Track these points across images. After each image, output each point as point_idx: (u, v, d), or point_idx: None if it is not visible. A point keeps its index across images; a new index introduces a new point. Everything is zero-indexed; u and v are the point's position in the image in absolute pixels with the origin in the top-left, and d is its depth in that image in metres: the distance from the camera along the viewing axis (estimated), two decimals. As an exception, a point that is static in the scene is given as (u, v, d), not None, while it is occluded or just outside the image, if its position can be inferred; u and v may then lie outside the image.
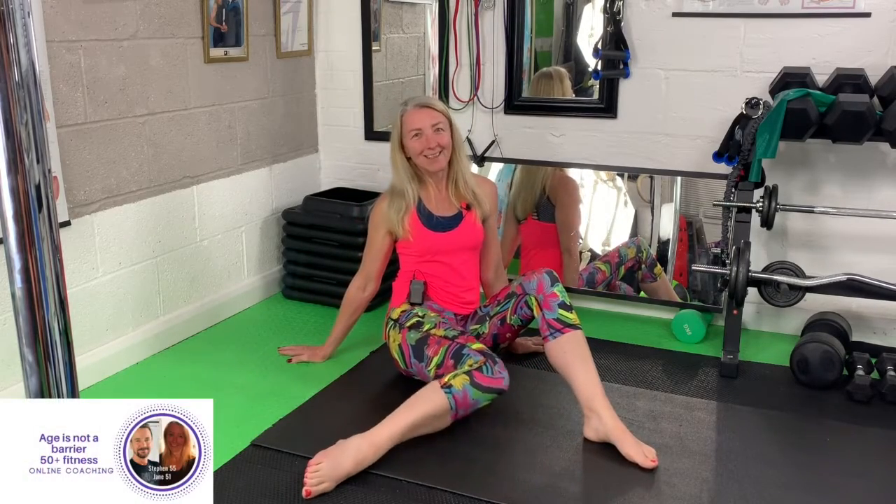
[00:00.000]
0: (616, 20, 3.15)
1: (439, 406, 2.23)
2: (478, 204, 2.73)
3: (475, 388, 2.24)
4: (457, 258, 2.72)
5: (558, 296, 2.42)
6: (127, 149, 2.81)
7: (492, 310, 2.65)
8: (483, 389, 2.25)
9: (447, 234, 2.69)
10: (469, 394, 2.24)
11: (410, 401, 2.26)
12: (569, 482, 2.16)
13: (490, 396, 2.28)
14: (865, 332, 3.05)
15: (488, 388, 2.26)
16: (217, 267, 3.31)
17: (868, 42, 2.88)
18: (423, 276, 2.70)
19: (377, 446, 2.16)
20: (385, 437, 2.18)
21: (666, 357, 2.99)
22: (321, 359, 2.89)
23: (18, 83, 0.98)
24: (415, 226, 2.66)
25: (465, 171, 2.72)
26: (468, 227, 2.71)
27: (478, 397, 2.25)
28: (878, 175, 2.97)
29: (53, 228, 1.05)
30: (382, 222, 2.71)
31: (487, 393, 2.26)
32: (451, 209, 2.71)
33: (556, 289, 2.43)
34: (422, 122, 2.59)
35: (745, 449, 2.33)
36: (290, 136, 3.68)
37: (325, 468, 2.08)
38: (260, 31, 3.37)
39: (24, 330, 1.06)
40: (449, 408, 2.24)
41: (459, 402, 2.24)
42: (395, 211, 2.67)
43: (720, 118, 3.04)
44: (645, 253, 3.37)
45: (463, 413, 2.27)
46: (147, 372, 2.86)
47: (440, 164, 2.64)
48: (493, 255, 2.88)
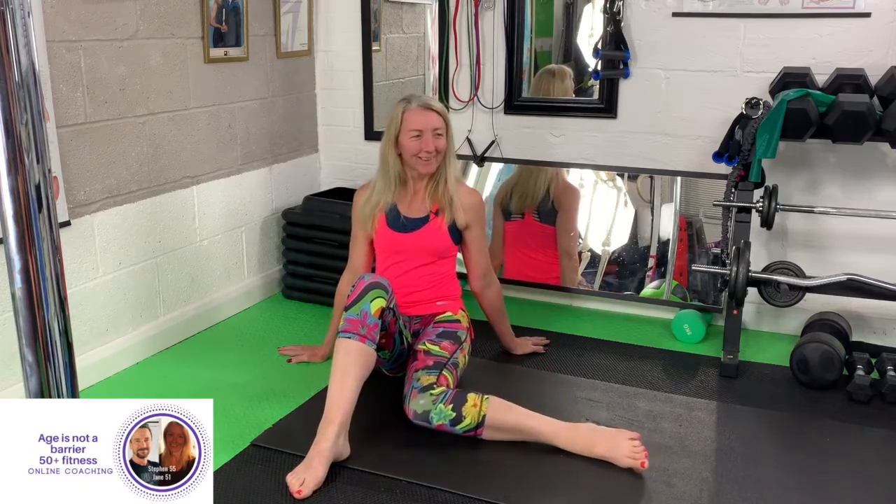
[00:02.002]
0: (616, 20, 3.15)
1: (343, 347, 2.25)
2: (450, 210, 2.65)
3: (349, 308, 2.30)
4: (416, 261, 2.66)
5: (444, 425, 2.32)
6: (127, 149, 2.81)
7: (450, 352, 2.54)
8: (355, 302, 2.30)
9: (408, 234, 2.65)
10: (350, 316, 2.28)
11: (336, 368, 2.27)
12: (568, 482, 2.16)
13: (368, 298, 2.30)
14: (865, 332, 3.05)
15: (356, 297, 2.31)
16: (217, 267, 3.31)
17: (868, 42, 2.88)
18: (386, 275, 2.63)
19: (329, 419, 2.17)
20: (330, 406, 2.19)
21: (666, 357, 2.99)
22: (321, 359, 2.88)
23: (18, 83, 0.98)
24: (380, 225, 2.67)
25: (450, 177, 2.66)
26: (431, 231, 2.65)
27: (358, 309, 2.28)
28: (878, 175, 2.97)
29: (53, 228, 1.05)
30: (359, 216, 2.72)
31: (360, 300, 2.29)
32: (422, 211, 2.67)
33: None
34: (424, 124, 2.57)
35: (745, 449, 2.33)
36: (290, 136, 3.68)
37: (299, 470, 2.10)
38: (260, 31, 3.37)
39: (24, 330, 1.06)
40: (348, 340, 2.25)
41: (350, 328, 2.26)
42: (371, 206, 2.67)
43: (720, 118, 3.04)
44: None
45: (367, 331, 2.26)
46: (147, 372, 2.85)
47: (432, 167, 2.61)
48: (478, 265, 2.79)
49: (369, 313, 2.28)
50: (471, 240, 2.73)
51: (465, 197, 2.70)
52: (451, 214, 2.65)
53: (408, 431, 2.37)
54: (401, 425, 2.38)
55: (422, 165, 2.60)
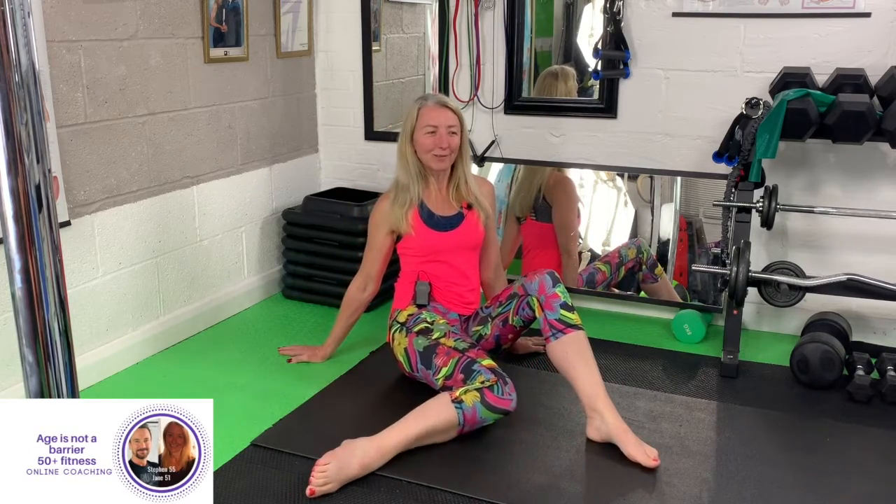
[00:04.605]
0: (616, 20, 3.15)
1: (448, 419, 2.24)
2: (479, 205, 2.74)
3: (485, 406, 2.25)
4: (458, 258, 2.72)
5: (560, 296, 2.41)
6: (127, 149, 2.81)
7: (494, 311, 2.65)
8: (492, 409, 2.26)
9: (448, 233, 2.69)
10: (478, 412, 2.25)
11: (420, 410, 2.26)
12: (569, 482, 2.16)
13: (497, 416, 2.29)
14: (865, 332, 3.05)
15: (498, 408, 2.27)
16: (217, 267, 3.31)
17: (868, 42, 2.88)
18: (427, 276, 2.70)
19: (383, 452, 2.16)
20: (392, 443, 2.18)
21: (666, 357, 2.99)
22: (321, 359, 2.89)
23: (18, 83, 0.98)
24: (417, 223, 2.67)
25: (469, 175, 2.74)
26: (469, 227, 2.72)
27: (486, 416, 2.26)
28: (878, 175, 2.97)
29: (53, 228, 1.05)
30: (384, 221, 2.71)
31: (495, 413, 2.27)
32: (451, 209, 2.72)
33: (558, 289, 2.43)
34: (438, 120, 2.61)
35: (745, 449, 2.33)
36: (290, 136, 3.68)
37: (331, 469, 2.08)
38: (260, 31, 3.37)
39: (24, 330, 1.06)
40: (457, 422, 2.24)
41: (468, 419, 2.25)
42: (399, 206, 2.67)
43: (720, 118, 3.04)
44: (646, 254, 3.37)
45: (469, 429, 2.28)
46: (147, 372, 2.85)
47: (446, 164, 2.66)
48: (493, 256, 2.88)
49: (485, 424, 2.30)
50: (487, 229, 2.81)
51: (481, 187, 2.80)
52: (481, 209, 2.74)
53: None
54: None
55: (435, 162, 2.63)
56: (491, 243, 2.87)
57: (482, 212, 2.74)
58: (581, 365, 2.34)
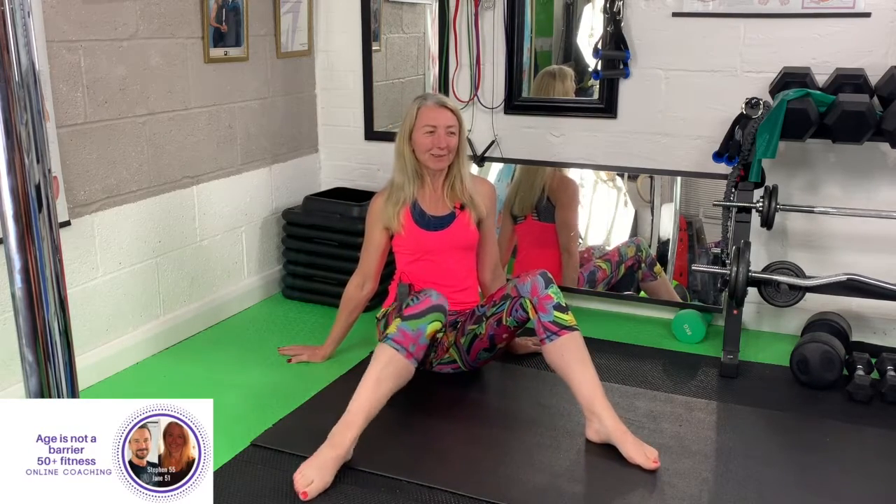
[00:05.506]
0: (616, 20, 3.15)
1: (387, 356, 2.23)
2: (473, 206, 2.73)
3: (407, 320, 2.26)
4: (450, 258, 2.72)
5: (553, 298, 2.40)
6: (127, 149, 2.81)
7: (488, 310, 2.65)
8: (415, 317, 2.27)
9: (438, 233, 2.70)
10: (406, 329, 2.25)
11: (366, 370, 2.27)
12: (569, 482, 2.16)
13: (428, 319, 2.28)
14: (865, 332, 3.05)
15: (418, 313, 2.28)
16: (217, 267, 3.31)
17: (868, 42, 2.88)
18: (412, 276, 2.71)
19: (349, 423, 2.15)
20: (355, 410, 2.16)
21: (666, 357, 2.99)
22: (321, 359, 2.89)
23: (18, 83, 0.98)
24: (407, 222, 2.68)
25: (465, 175, 2.74)
26: (460, 227, 2.72)
27: (415, 326, 2.26)
28: (878, 175, 2.97)
29: (53, 228, 1.05)
30: (379, 218, 2.73)
31: (421, 318, 2.27)
32: (445, 209, 2.72)
33: (551, 290, 2.41)
34: (438, 120, 2.61)
35: (745, 449, 2.33)
36: (290, 136, 3.68)
37: (308, 468, 2.08)
38: (260, 31, 3.37)
39: (24, 330, 1.06)
40: (395, 352, 2.24)
41: (402, 341, 2.24)
42: (392, 204, 2.69)
43: (720, 118, 3.04)
44: (645, 252, 3.37)
45: (415, 350, 2.26)
46: (147, 372, 2.85)
47: (443, 164, 2.67)
48: (491, 256, 2.88)
49: (424, 333, 2.29)
50: (486, 229, 2.81)
51: (479, 186, 2.79)
52: (475, 211, 2.73)
53: (409, 432, 2.37)
54: (402, 426, 2.38)
55: (433, 162, 2.64)
56: (489, 243, 2.86)
57: (475, 212, 2.74)
58: (577, 367, 2.33)
